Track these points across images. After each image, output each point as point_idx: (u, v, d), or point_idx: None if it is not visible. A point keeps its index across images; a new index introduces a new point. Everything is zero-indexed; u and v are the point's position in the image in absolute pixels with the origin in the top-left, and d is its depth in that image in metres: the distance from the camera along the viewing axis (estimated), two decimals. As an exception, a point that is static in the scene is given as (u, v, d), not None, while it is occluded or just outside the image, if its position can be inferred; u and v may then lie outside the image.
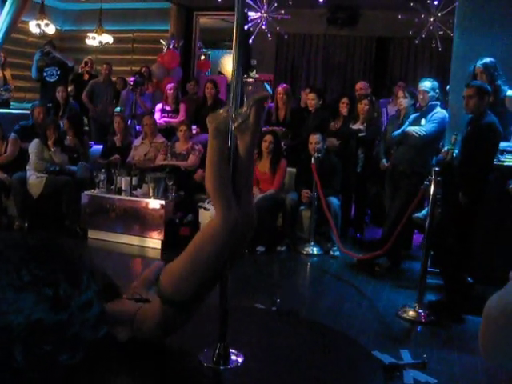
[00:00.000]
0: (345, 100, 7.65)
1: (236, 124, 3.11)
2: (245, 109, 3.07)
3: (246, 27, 8.62)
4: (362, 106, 7.25)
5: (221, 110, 3.32)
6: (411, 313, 4.70)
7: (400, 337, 4.41)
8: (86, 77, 9.85)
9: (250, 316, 4.30)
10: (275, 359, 3.55)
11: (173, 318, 3.18)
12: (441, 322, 4.63)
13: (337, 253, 6.61)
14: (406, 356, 3.86)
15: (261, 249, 6.66)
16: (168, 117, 8.85)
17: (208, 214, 6.67)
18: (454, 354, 3.97)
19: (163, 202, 6.73)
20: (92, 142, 8.70)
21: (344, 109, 7.59)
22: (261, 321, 4.25)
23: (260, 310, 4.60)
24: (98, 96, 9.59)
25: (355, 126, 7.26)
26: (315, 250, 6.72)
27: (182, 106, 8.80)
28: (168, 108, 8.86)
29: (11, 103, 10.30)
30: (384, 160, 6.78)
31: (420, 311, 4.69)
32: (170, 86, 8.98)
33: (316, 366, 3.55)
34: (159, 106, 8.97)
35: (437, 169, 4.71)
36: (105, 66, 9.92)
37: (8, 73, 10.25)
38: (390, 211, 6.29)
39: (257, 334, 3.94)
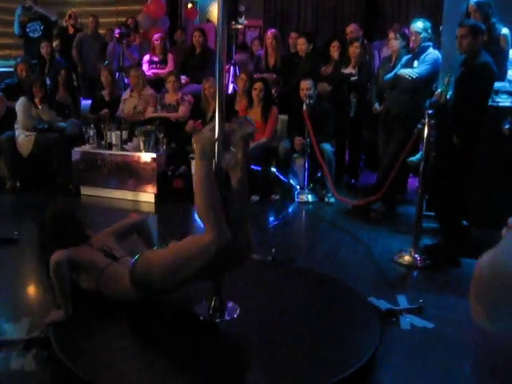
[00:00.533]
0: (335, 44, 7.50)
1: (226, 165, 3.18)
2: (232, 149, 3.13)
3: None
4: (354, 50, 7.11)
5: (205, 129, 3.34)
6: (407, 258, 4.67)
7: (396, 282, 4.39)
8: (71, 30, 9.60)
9: (245, 267, 4.29)
10: (272, 309, 3.55)
11: (135, 295, 3.29)
12: (437, 266, 4.60)
13: (332, 199, 6.56)
14: (403, 301, 3.84)
15: (255, 198, 6.60)
16: (156, 68, 8.67)
17: (200, 166, 6.60)
18: (451, 298, 3.95)
19: (154, 155, 6.65)
20: (81, 98, 8.54)
21: (335, 53, 7.45)
22: (256, 271, 4.26)
23: (255, 261, 4.58)
24: (86, 50, 9.37)
25: (347, 70, 7.13)
26: (310, 198, 6.68)
27: (170, 57, 8.61)
28: (156, 59, 8.67)
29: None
30: (377, 104, 6.69)
31: (416, 256, 4.66)
32: (156, 36, 8.77)
33: (312, 315, 3.56)
34: (147, 58, 8.78)
35: (430, 111, 4.62)
36: (91, 18, 9.66)
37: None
38: (384, 156, 6.23)
39: (253, 285, 3.96)
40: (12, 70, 8.12)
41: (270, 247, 4.72)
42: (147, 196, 6.66)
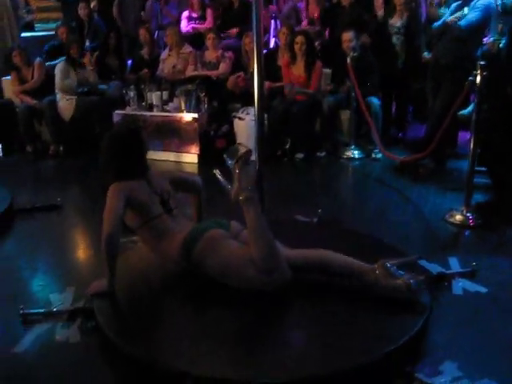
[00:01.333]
0: None
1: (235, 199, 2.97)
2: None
3: None
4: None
5: (237, 145, 3.15)
6: (458, 217, 4.48)
7: (447, 243, 4.20)
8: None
9: (290, 229, 4.19)
10: (315, 277, 3.42)
11: (175, 259, 3.36)
12: (490, 226, 4.40)
13: (379, 155, 6.35)
14: (454, 264, 3.67)
15: (300, 155, 6.48)
16: (195, 24, 8.49)
17: (243, 124, 6.48)
18: (506, 260, 3.78)
19: (196, 115, 6.54)
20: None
21: (378, 1, 7.12)
22: (302, 234, 4.14)
23: (301, 223, 4.47)
24: (126, 9, 9.20)
25: (393, 21, 6.80)
26: (356, 154, 6.50)
27: (208, 12, 8.40)
28: (194, 15, 8.46)
29: (36, 25, 10.04)
30: (426, 53, 6.41)
31: (468, 214, 4.46)
32: (192, -7, 8.56)
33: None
34: (185, 14, 8.59)
35: (483, 62, 4.35)
36: None
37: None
38: (434, 108, 5.96)
39: (297, 246, 3.81)
40: (51, 33, 8.08)
41: (315, 208, 4.59)
42: (190, 157, 6.57)
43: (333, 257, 3.21)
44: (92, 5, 8.95)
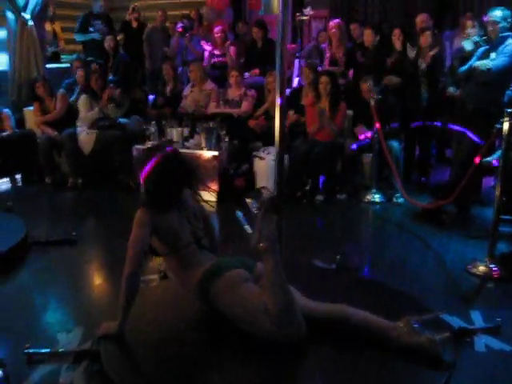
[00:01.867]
0: (397, 32, 7.11)
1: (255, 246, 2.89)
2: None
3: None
4: (425, 39, 6.72)
5: (262, 190, 3.06)
6: (482, 267, 4.31)
7: (470, 296, 4.01)
8: (135, 24, 9.50)
9: (308, 276, 4.07)
10: (334, 330, 3.28)
11: (194, 295, 3.29)
12: (516, 278, 4.23)
13: (400, 200, 6.24)
14: (477, 318, 3.52)
15: (320, 198, 6.38)
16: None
17: (263, 164, 6.41)
18: (532, 316, 3.62)
19: (216, 153, 6.48)
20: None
21: (397, 42, 7.07)
22: (320, 280, 4.01)
23: (319, 269, 4.35)
24: (153, 44, 9.26)
25: (419, 63, 6.73)
26: (377, 198, 6.37)
27: (231, 49, 8.42)
28: (217, 52, 8.49)
29: (62, 56, 10.13)
30: (451, 88, 6.33)
31: (492, 265, 4.30)
32: (217, 29, 8.59)
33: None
34: (208, 48, 8.63)
35: (510, 110, 4.23)
36: (160, 12, 9.55)
37: (57, 26, 10.06)
38: (458, 154, 5.86)
39: (315, 296, 3.68)
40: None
41: (334, 253, 4.48)
42: (208, 194, 6.46)
43: (353, 313, 3.08)
44: (118, 38, 9.01)
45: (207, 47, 8.64)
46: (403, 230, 5.45)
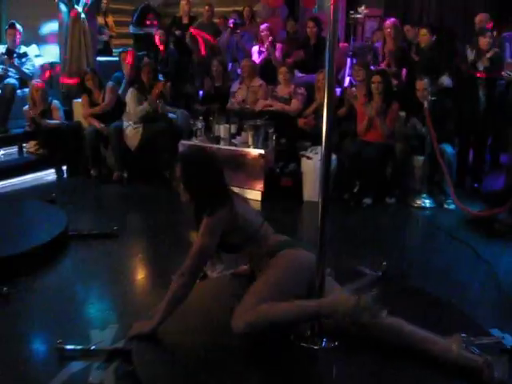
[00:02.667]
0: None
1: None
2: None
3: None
4: (484, 41, 6.46)
5: (346, 295, 2.90)
6: (537, 281, 4.10)
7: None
8: (185, 20, 9.45)
9: (351, 280, 3.89)
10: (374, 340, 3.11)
11: None
12: None
13: (451, 206, 6.00)
14: (531, 336, 3.31)
15: (368, 201, 6.18)
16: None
17: (311, 164, 6.25)
18: None
19: (263, 151, 6.36)
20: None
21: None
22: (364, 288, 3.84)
23: (363, 275, 4.17)
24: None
25: (478, 65, 6.48)
26: (427, 203, 6.15)
27: (277, 47, 8.28)
28: (264, 49, 8.36)
29: (113, 50, 10.16)
30: None
31: (549, 279, 4.08)
32: (262, 27, 8.47)
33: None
34: (255, 48, 8.52)
35: None
36: (206, 7, 9.47)
37: (110, 19, 10.10)
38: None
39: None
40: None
41: (380, 259, 4.30)
42: (254, 193, 6.36)
43: (411, 330, 2.93)
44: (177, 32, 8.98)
45: (255, 47, 8.53)
46: (453, 238, 5.22)
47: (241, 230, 3.11)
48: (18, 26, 7.97)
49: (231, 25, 8.67)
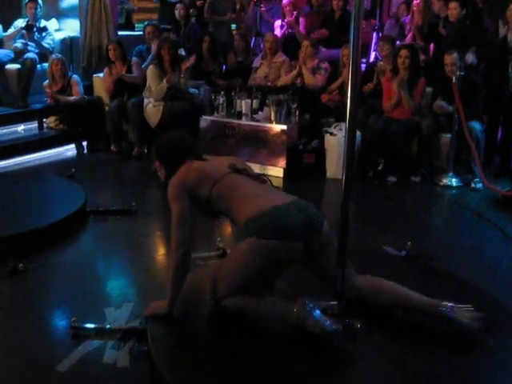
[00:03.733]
0: None
1: None
2: None
3: None
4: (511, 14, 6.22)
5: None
6: None
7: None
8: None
9: (375, 262, 3.78)
10: (398, 321, 3.00)
11: None
12: None
13: (479, 185, 5.83)
14: None
15: (393, 179, 6.05)
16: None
17: (334, 140, 6.11)
18: None
19: (285, 127, 6.22)
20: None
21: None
22: (387, 268, 3.71)
23: (387, 255, 4.06)
24: (218, 13, 8.98)
25: (508, 40, 6.25)
26: (454, 182, 5.99)
27: (300, 21, 8.09)
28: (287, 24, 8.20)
29: (136, 25, 10.05)
30: None
31: None
32: (285, 1, 8.27)
33: (448, 333, 2.94)
34: (278, 23, 8.35)
35: None
36: None
37: (133, -6, 9.99)
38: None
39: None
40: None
41: (404, 239, 4.18)
42: (276, 170, 6.24)
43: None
44: (191, 10, 8.83)
45: (278, 21, 8.37)
46: (481, 218, 5.08)
47: (204, 187, 2.92)
48: (39, 0, 7.86)
49: (254, -1, 8.50)
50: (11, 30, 7.95)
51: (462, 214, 5.33)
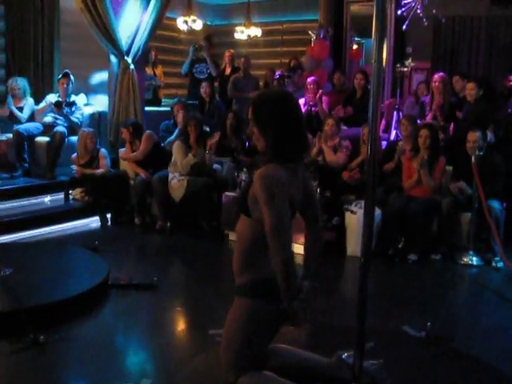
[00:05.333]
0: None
1: None
2: None
3: (399, 12, 7.96)
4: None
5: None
6: None
7: None
8: (228, 71, 9.60)
9: (394, 343, 3.78)
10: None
11: None
12: None
13: (499, 264, 5.82)
14: None
15: (413, 257, 6.03)
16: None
17: (355, 218, 6.15)
18: None
19: (306, 205, 6.27)
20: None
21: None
22: (406, 349, 3.71)
23: (407, 336, 4.04)
24: (241, 90, 9.24)
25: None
26: (474, 260, 5.97)
27: (324, 99, 8.28)
28: (310, 102, 8.38)
29: (162, 100, 10.35)
30: None
31: None
32: (310, 79, 8.48)
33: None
34: (301, 101, 8.54)
35: None
36: (243, 59, 9.57)
37: (159, 70, 10.31)
38: None
39: (399, 366, 3.40)
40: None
41: (424, 318, 4.17)
42: (297, 247, 6.24)
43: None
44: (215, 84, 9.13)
45: (302, 99, 8.57)
46: (501, 299, 5.04)
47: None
48: (71, 76, 8.17)
49: (277, 76, 8.73)
50: (42, 105, 8.25)
51: (483, 294, 5.29)
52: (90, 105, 8.87)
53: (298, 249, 3.08)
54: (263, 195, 2.55)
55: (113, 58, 8.45)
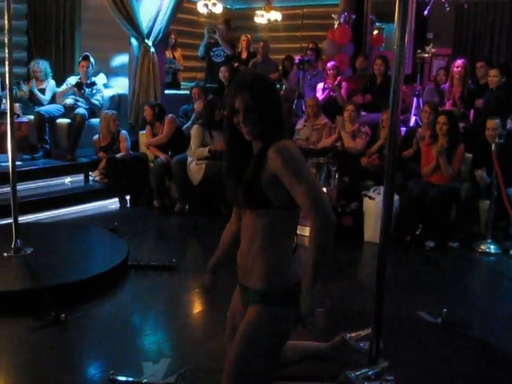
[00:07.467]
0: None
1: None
2: None
3: (421, -2, 7.91)
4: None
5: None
6: None
7: None
8: (244, 55, 9.59)
9: (410, 327, 3.80)
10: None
11: None
12: None
13: (517, 253, 5.81)
14: None
15: (430, 244, 6.03)
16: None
17: (373, 204, 6.16)
18: None
19: (325, 189, 6.30)
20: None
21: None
22: (422, 335, 3.73)
23: (423, 322, 4.06)
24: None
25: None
26: (492, 248, 5.95)
27: (343, 85, 8.28)
28: (327, 87, 8.37)
29: (181, 83, 10.37)
30: None
31: None
32: (329, 65, 8.47)
33: None
34: (320, 86, 8.53)
35: None
36: (261, 43, 9.55)
37: (178, 53, 10.31)
38: None
39: (415, 352, 3.43)
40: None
41: (440, 305, 4.19)
42: (305, 229, 6.29)
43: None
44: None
45: (320, 84, 8.56)
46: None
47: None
48: (91, 59, 8.21)
49: (297, 61, 8.71)
50: (63, 87, 8.31)
51: (500, 282, 5.30)
52: (111, 87, 8.91)
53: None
54: (290, 166, 2.27)
55: (133, 41, 8.49)
